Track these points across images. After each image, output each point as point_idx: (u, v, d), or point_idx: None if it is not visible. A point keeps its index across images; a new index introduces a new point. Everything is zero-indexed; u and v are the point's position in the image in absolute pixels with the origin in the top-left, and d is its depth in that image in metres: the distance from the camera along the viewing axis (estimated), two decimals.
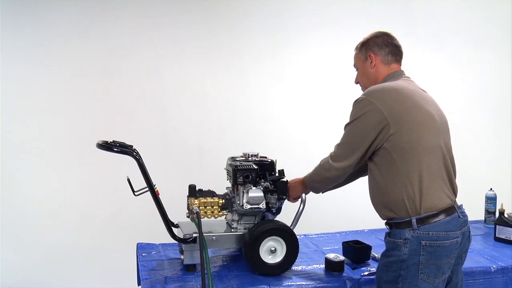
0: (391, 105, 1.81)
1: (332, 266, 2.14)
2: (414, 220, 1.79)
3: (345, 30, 3.83)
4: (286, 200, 2.21)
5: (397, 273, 1.81)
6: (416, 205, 1.80)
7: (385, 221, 1.93)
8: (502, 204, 2.74)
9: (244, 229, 2.15)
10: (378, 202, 1.91)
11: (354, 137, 1.88)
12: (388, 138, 1.80)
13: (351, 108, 1.91)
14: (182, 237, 2.07)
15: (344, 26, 3.83)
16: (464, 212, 1.92)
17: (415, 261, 1.78)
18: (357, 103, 1.88)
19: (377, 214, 1.97)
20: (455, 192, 1.92)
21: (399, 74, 2.01)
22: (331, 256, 2.18)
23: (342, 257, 2.17)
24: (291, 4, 3.75)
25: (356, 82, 2.15)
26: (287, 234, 2.09)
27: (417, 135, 1.82)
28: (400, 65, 2.05)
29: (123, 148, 1.96)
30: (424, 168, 1.81)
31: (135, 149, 2.00)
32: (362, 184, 2.35)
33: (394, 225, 1.85)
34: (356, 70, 2.12)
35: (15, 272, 3.23)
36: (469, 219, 3.01)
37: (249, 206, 2.11)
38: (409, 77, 2.02)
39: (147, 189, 2.03)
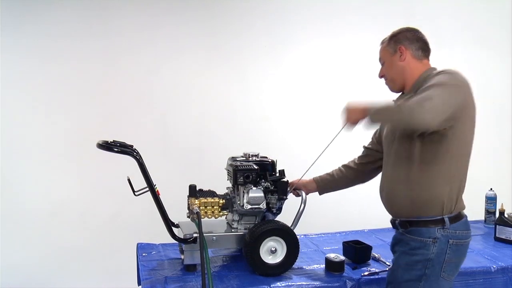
0: (471, 96, 1.81)
1: (332, 266, 2.14)
2: (447, 219, 1.79)
3: (345, 30, 3.83)
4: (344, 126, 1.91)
5: (421, 272, 1.79)
6: (452, 205, 1.81)
7: (399, 219, 1.90)
8: (502, 204, 2.75)
9: (245, 229, 2.15)
10: (406, 199, 1.85)
11: (452, 95, 1.72)
12: (456, 124, 1.75)
13: (434, 76, 1.81)
14: (182, 237, 2.07)
15: (344, 26, 3.83)
16: None
17: (441, 259, 1.79)
18: (455, 73, 1.80)
19: (384, 212, 1.96)
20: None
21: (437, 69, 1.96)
22: (331, 256, 2.17)
23: (342, 257, 2.17)
24: (291, 4, 3.75)
25: (381, 76, 2.05)
26: (287, 235, 2.09)
27: (471, 136, 1.87)
28: (428, 60, 2.00)
29: (123, 148, 1.96)
30: (466, 168, 1.87)
31: (135, 149, 2.00)
32: (362, 184, 2.36)
33: (420, 223, 1.81)
34: (382, 64, 2.04)
35: (15, 272, 3.23)
36: (469, 219, 3.03)
37: (249, 206, 2.11)
38: None
39: (147, 189, 2.03)
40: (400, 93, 2.00)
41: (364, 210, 2.29)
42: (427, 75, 1.89)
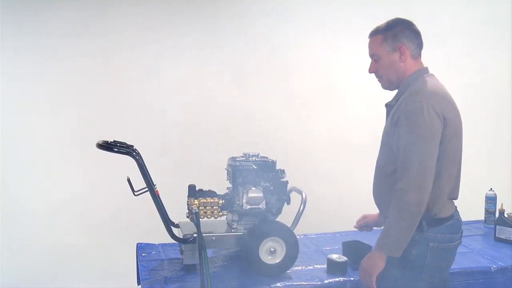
0: (447, 112, 1.75)
1: (335, 267, 2.13)
2: (424, 223, 1.78)
3: (345, 30, 3.82)
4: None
5: (401, 273, 1.80)
6: (431, 211, 1.79)
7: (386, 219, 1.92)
8: (502, 204, 2.75)
9: (244, 229, 2.15)
10: (386, 204, 1.84)
11: (427, 147, 1.71)
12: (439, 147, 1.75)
13: (404, 114, 1.74)
14: (182, 237, 2.07)
15: (344, 26, 3.83)
16: (459, 214, 1.93)
17: (421, 262, 1.79)
18: (416, 107, 1.72)
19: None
20: (457, 197, 1.92)
21: (427, 71, 1.91)
22: (334, 256, 2.16)
23: (344, 258, 2.16)
24: (291, 4, 3.75)
25: (372, 71, 1.96)
26: (287, 235, 2.09)
27: (456, 145, 1.81)
28: (421, 56, 1.93)
29: (123, 148, 1.96)
30: (454, 177, 1.82)
31: (135, 149, 2.00)
32: (362, 183, 2.36)
33: None
34: (375, 60, 1.93)
35: (15, 272, 3.23)
36: (469, 219, 3.04)
37: (248, 207, 2.11)
38: (433, 74, 1.93)
39: (147, 189, 2.03)
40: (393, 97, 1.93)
41: (364, 210, 2.28)
42: (416, 77, 1.86)
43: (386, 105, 1.95)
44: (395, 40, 1.87)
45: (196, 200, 2.15)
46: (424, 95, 1.76)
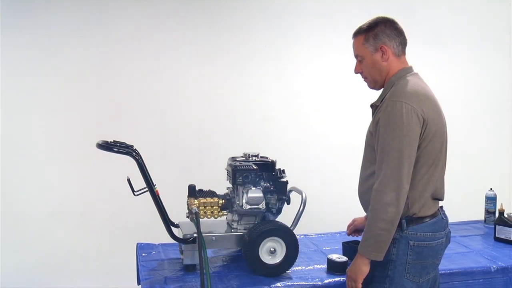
0: (427, 113, 1.76)
1: (335, 267, 2.13)
2: (404, 221, 1.79)
3: (345, 30, 3.81)
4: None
5: (384, 273, 1.81)
6: (410, 208, 1.79)
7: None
8: (502, 204, 2.74)
9: (244, 229, 2.15)
10: (368, 202, 1.83)
11: (404, 148, 1.71)
12: (418, 147, 1.76)
13: (383, 115, 1.75)
14: (182, 237, 2.07)
15: (344, 26, 3.81)
16: (445, 213, 1.94)
17: (403, 261, 1.79)
18: (395, 108, 1.73)
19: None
20: (443, 197, 1.92)
21: (411, 70, 1.91)
22: (333, 256, 2.16)
23: (344, 258, 2.16)
24: (291, 4, 3.75)
25: (358, 72, 1.98)
26: (287, 235, 2.09)
27: (437, 146, 1.81)
28: (405, 53, 1.94)
29: (122, 148, 1.96)
30: (435, 178, 1.82)
31: (135, 149, 2.00)
32: None
33: None
34: (359, 60, 1.95)
35: (15, 272, 3.23)
36: (469, 219, 3.04)
37: (248, 207, 2.11)
38: (417, 73, 1.93)
39: (146, 189, 2.03)
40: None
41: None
42: (399, 76, 1.86)
43: (372, 105, 1.95)
44: (376, 39, 1.88)
45: (196, 200, 2.15)
46: (404, 95, 1.77)
